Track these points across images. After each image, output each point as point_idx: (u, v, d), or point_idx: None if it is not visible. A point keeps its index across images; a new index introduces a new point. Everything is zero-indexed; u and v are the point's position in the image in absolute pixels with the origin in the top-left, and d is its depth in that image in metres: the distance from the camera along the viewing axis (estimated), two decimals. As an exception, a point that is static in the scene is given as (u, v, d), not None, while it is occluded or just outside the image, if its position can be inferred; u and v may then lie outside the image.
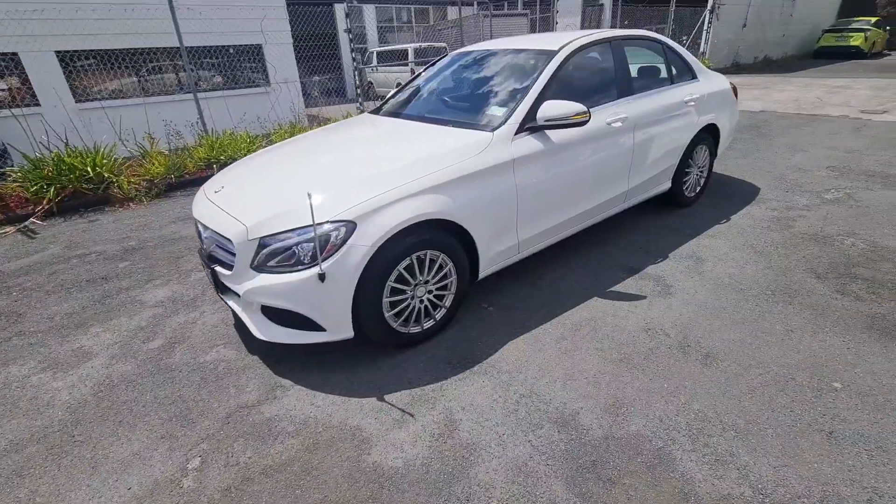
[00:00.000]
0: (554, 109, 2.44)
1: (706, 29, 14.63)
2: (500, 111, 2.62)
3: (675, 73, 3.57)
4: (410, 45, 13.74)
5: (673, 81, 3.52)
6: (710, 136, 3.85)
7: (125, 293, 3.12)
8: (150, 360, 2.41)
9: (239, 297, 2.13)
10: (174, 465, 1.77)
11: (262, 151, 3.07)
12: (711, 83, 3.81)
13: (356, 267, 1.97)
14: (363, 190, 2.07)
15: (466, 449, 1.77)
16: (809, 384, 1.97)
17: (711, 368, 2.10)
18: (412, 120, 2.98)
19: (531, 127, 2.52)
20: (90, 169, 4.94)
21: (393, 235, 2.04)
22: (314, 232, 1.86)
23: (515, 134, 2.49)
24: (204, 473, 1.73)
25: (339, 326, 2.07)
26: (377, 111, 3.44)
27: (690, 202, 3.99)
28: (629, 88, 3.13)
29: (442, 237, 2.24)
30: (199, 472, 1.74)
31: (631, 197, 3.30)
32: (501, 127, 2.47)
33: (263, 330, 2.14)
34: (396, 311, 2.23)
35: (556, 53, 2.79)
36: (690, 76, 3.66)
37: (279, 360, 2.35)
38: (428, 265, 2.25)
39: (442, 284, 2.37)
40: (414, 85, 3.55)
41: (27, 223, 4.55)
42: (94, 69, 7.13)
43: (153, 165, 5.44)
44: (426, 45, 13.42)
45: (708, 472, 1.61)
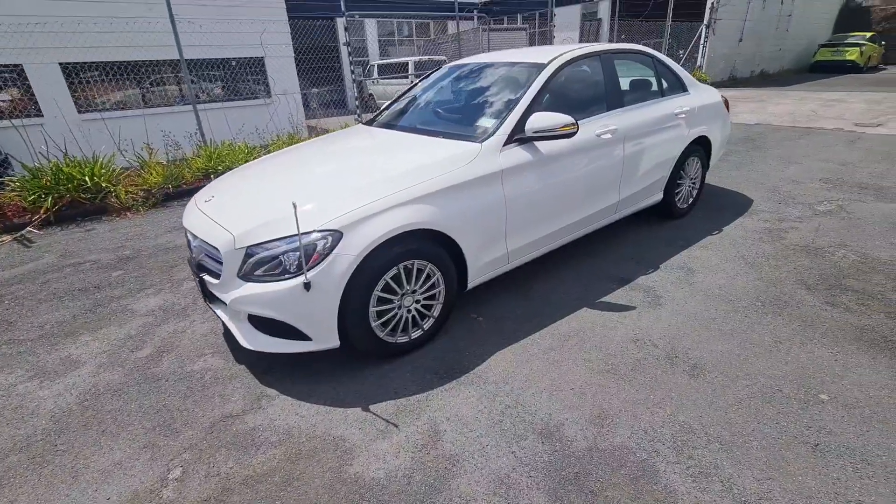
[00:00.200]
0: (542, 121, 2.47)
1: (703, 43, 14.83)
2: (489, 122, 2.65)
3: (665, 86, 3.61)
4: (411, 58, 13.93)
5: (663, 94, 3.56)
6: (701, 148, 3.88)
7: (117, 302, 3.13)
8: (137, 369, 2.40)
9: (226, 305, 2.13)
10: (155, 475, 1.76)
11: (254, 161, 3.10)
12: (702, 96, 3.85)
13: (342, 276, 1.98)
14: (350, 200, 2.08)
15: (449, 460, 1.76)
16: (796, 396, 1.96)
17: (698, 380, 2.09)
18: (404, 131, 3.01)
19: (520, 138, 2.55)
20: (88, 179, 4.98)
21: (379, 245, 2.05)
22: (299, 241, 1.87)
23: (504, 145, 2.51)
24: (184, 484, 1.72)
25: (324, 336, 2.07)
26: (371, 122, 3.48)
27: (683, 213, 4.01)
28: (619, 101, 3.16)
29: (429, 247, 2.25)
30: (179, 482, 1.73)
31: (622, 208, 3.32)
32: (490, 138, 2.50)
33: (250, 339, 2.14)
34: (383, 320, 2.23)
35: (545, 66, 2.83)
36: (681, 89, 3.70)
37: (266, 369, 2.34)
38: (415, 275, 2.25)
39: (430, 294, 2.37)
40: (408, 97, 3.59)
41: (24, 232, 4.58)
42: (96, 81, 7.24)
43: (151, 175, 5.48)
44: (426, 58, 13.60)
45: (691, 484, 1.60)
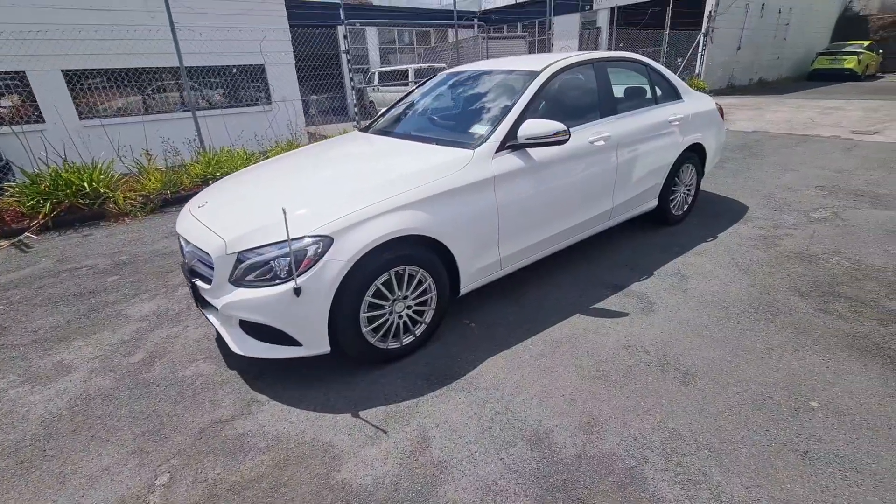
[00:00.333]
0: (534, 128, 2.48)
1: (701, 51, 14.92)
2: (482, 129, 2.67)
3: (659, 93, 3.63)
4: (411, 65, 14.06)
5: (657, 102, 3.58)
6: (696, 155, 3.90)
7: (111, 307, 3.13)
8: (128, 374, 2.40)
9: (218, 311, 2.14)
10: (142, 480, 1.76)
11: (249, 168, 3.12)
12: (696, 103, 3.87)
13: (332, 282, 1.98)
14: (341, 206, 2.09)
15: (437, 467, 1.75)
16: (787, 403, 1.95)
17: (689, 386, 2.08)
18: (399, 137, 3.03)
19: (512, 145, 2.56)
20: (86, 184, 5.01)
21: (370, 251, 2.06)
22: (289, 246, 1.88)
23: (497, 152, 2.52)
24: (171, 490, 1.71)
25: (315, 341, 2.07)
26: (367, 129, 3.50)
27: (678, 220, 4.01)
28: (612, 108, 3.18)
29: (421, 253, 2.26)
30: (166, 488, 1.72)
31: (616, 215, 3.33)
32: (483, 145, 2.51)
33: (241, 344, 2.14)
34: (374, 326, 2.23)
35: (538, 74, 2.85)
36: (675, 97, 3.72)
37: (258, 375, 2.34)
38: (406, 280, 2.26)
39: (422, 300, 2.37)
40: (404, 104, 3.62)
41: (22, 237, 4.60)
42: (98, 88, 7.31)
43: (150, 181, 5.51)
44: (426, 65, 13.73)
45: (679, 492, 1.59)
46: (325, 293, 1.98)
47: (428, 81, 3.74)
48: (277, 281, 1.99)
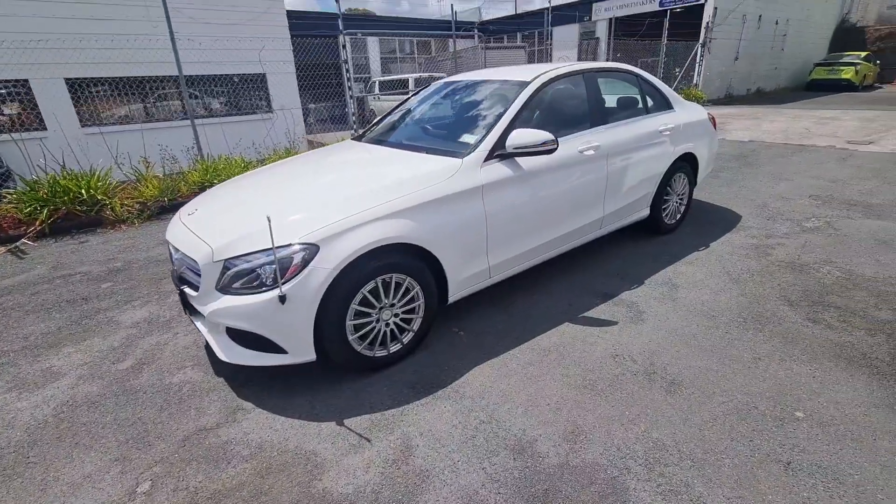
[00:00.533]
0: (522, 137, 2.51)
1: (699, 62, 15.04)
2: (471, 138, 2.69)
3: (650, 103, 3.66)
4: (411, 75, 14.20)
5: (648, 112, 3.61)
6: (688, 164, 3.92)
7: (103, 314, 3.14)
8: (116, 381, 2.41)
9: (205, 318, 2.14)
10: (123, 488, 1.75)
11: (240, 176, 3.14)
12: (688, 113, 3.90)
13: (317, 289, 1.99)
14: (328, 214, 2.11)
15: (419, 476, 1.74)
16: (772, 413, 1.94)
17: (675, 396, 2.08)
18: (390, 146, 3.05)
19: (501, 154, 2.58)
20: (84, 191, 5.05)
21: (356, 258, 2.07)
22: (274, 254, 1.90)
23: (485, 161, 2.54)
24: (152, 497, 1.70)
25: (300, 349, 2.08)
26: (360, 138, 3.53)
27: (671, 229, 4.02)
28: (602, 118, 3.21)
29: (408, 261, 2.27)
30: (147, 496, 1.72)
31: (607, 224, 3.34)
32: (471, 154, 2.53)
33: (227, 352, 2.14)
34: (361, 333, 2.23)
35: (528, 84, 2.88)
36: (666, 107, 3.75)
37: (244, 382, 2.34)
38: (394, 288, 2.26)
39: (409, 308, 2.38)
40: (397, 113, 3.65)
41: (18, 244, 4.62)
42: (100, 96, 7.39)
43: (147, 189, 5.54)
44: (426, 75, 13.85)
45: (661, 503, 1.58)
46: (310, 301, 1.99)
47: (421, 91, 3.78)
48: (263, 288, 2.00)
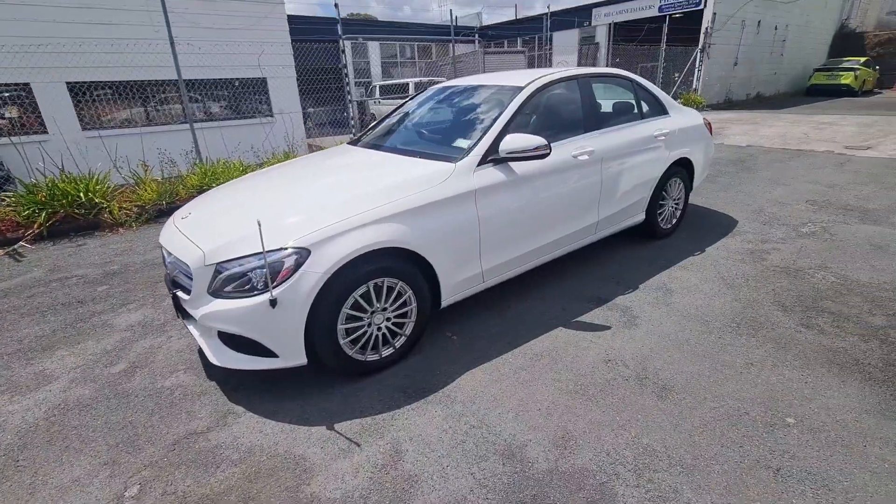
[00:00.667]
0: (515, 142, 2.52)
1: (698, 67, 15.09)
2: (465, 143, 2.70)
3: (645, 109, 3.67)
4: (411, 79, 14.27)
5: (643, 117, 3.62)
6: (683, 169, 3.92)
7: (98, 317, 3.15)
8: (108, 384, 2.41)
9: (197, 321, 2.15)
10: (112, 492, 1.75)
11: (235, 180, 3.16)
12: (683, 118, 3.91)
13: (308, 293, 2.00)
14: (320, 218, 2.11)
15: (407, 481, 1.74)
16: (762, 419, 1.94)
17: (666, 401, 2.07)
18: (385, 151, 3.06)
19: (494, 159, 2.59)
20: (82, 194, 5.06)
21: (348, 262, 2.07)
22: (264, 258, 1.90)
23: (478, 165, 2.55)
24: (140, 502, 1.70)
25: (291, 353, 2.08)
26: (356, 142, 3.54)
27: (667, 234, 4.02)
28: (597, 123, 3.22)
29: (401, 265, 2.27)
30: (135, 500, 1.71)
31: (602, 228, 3.34)
32: (464, 158, 2.54)
33: (218, 355, 2.15)
34: (353, 338, 2.23)
35: (521, 89, 2.90)
36: (661, 112, 3.76)
37: (236, 386, 2.34)
38: (385, 292, 2.27)
39: (402, 312, 2.38)
40: (392, 117, 3.67)
41: (16, 246, 4.63)
42: (102, 99, 7.44)
43: (145, 192, 5.56)
44: (426, 79, 13.93)
45: (649, 509, 1.57)
46: (300, 305, 1.99)
47: (417, 96, 3.79)
48: (255, 292, 2.00)
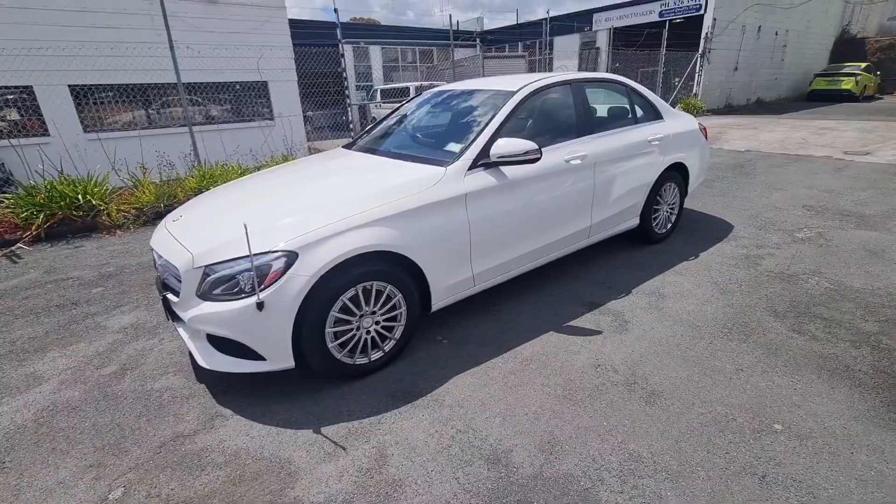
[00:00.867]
0: (506, 147, 2.52)
1: (698, 72, 15.11)
2: (456, 147, 2.71)
3: (640, 113, 3.68)
4: (412, 83, 14.33)
5: (637, 122, 3.62)
6: (678, 174, 3.92)
7: (91, 319, 3.15)
8: (98, 386, 2.41)
9: (185, 324, 2.15)
10: (96, 495, 1.75)
11: (228, 183, 3.17)
12: (678, 123, 3.91)
13: (296, 297, 2.00)
14: (309, 221, 2.12)
15: (391, 485, 1.73)
16: (750, 425, 1.93)
17: (654, 407, 2.07)
18: (378, 154, 3.07)
19: (485, 163, 2.59)
20: (81, 197, 5.09)
21: (336, 266, 2.07)
22: (251, 262, 1.91)
23: (469, 169, 2.55)
24: (123, 504, 1.70)
25: (278, 356, 2.08)
26: (350, 146, 3.56)
27: (661, 238, 4.02)
28: (590, 127, 3.22)
29: (390, 269, 2.27)
30: (119, 502, 1.71)
31: (595, 233, 3.34)
32: (455, 162, 2.55)
33: (207, 358, 2.15)
34: (341, 341, 2.23)
35: (514, 94, 2.90)
36: (655, 117, 3.76)
37: (226, 389, 2.34)
38: (375, 296, 2.27)
39: (391, 316, 2.38)
40: (388, 121, 3.68)
41: (14, 248, 4.66)
42: (104, 102, 7.49)
43: (144, 194, 5.59)
44: (427, 83, 13.98)
45: (632, 515, 1.57)
46: (288, 308, 2.00)
47: (412, 100, 3.81)
48: (242, 295, 2.01)
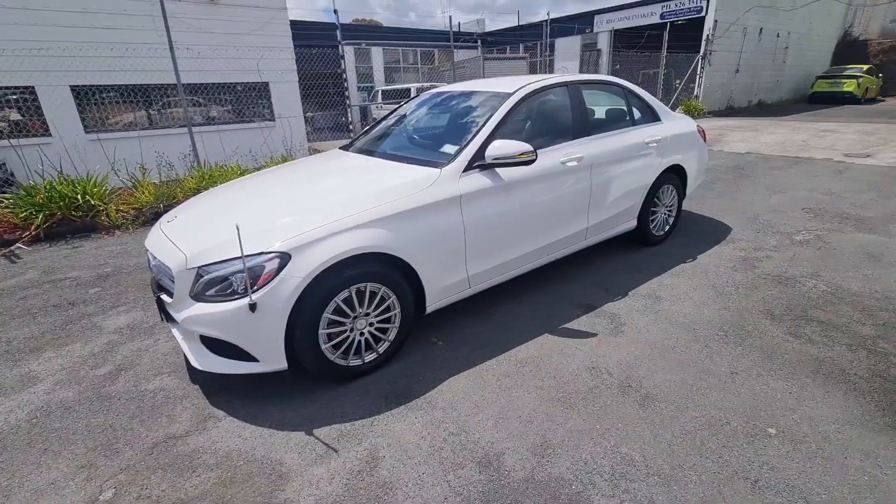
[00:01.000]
0: (501, 149, 2.52)
1: (699, 74, 15.09)
2: (451, 149, 2.70)
3: (637, 115, 3.67)
4: (413, 84, 14.36)
5: (634, 123, 3.62)
6: (676, 176, 3.91)
7: (87, 319, 3.16)
8: (92, 387, 2.41)
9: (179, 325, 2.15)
10: (86, 496, 1.75)
11: (224, 185, 3.17)
12: (676, 125, 3.90)
13: (288, 298, 2.00)
14: (303, 223, 2.12)
15: (382, 488, 1.73)
16: (744, 429, 1.92)
17: (648, 410, 2.06)
18: (374, 156, 3.07)
19: (480, 165, 2.59)
20: (80, 197, 5.10)
21: (329, 267, 2.07)
22: (242, 263, 1.91)
23: (464, 171, 2.55)
24: (113, 506, 1.70)
25: (271, 357, 2.08)
26: (347, 147, 3.56)
27: (659, 241, 4.01)
28: (586, 129, 3.21)
29: (384, 270, 2.27)
30: (109, 504, 1.71)
31: (592, 235, 3.33)
32: (450, 164, 2.54)
33: (200, 359, 2.15)
34: (334, 342, 2.23)
35: (510, 96, 2.90)
36: (653, 119, 3.76)
37: (220, 390, 2.34)
38: (368, 298, 2.26)
39: (385, 317, 2.37)
40: (385, 122, 3.68)
41: (13, 248, 4.67)
42: (105, 103, 7.52)
43: (143, 195, 5.60)
44: (428, 85, 14.00)
45: (623, 519, 1.56)
46: (280, 309, 2.00)
47: (410, 101, 3.81)
48: (235, 296, 2.01)
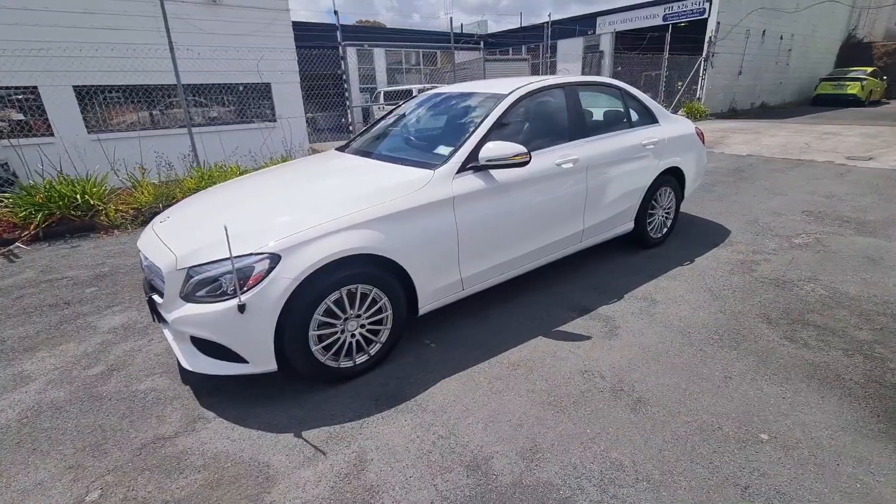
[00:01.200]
0: (495, 150, 2.51)
1: (702, 76, 15.05)
2: (445, 150, 2.69)
3: (634, 117, 3.66)
4: (415, 85, 14.38)
5: (632, 125, 3.60)
6: (674, 178, 3.89)
7: (82, 318, 3.16)
8: (84, 387, 2.41)
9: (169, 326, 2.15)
10: (72, 496, 1.74)
11: (217, 185, 3.17)
12: (673, 127, 3.88)
13: (278, 299, 1.99)
14: (294, 223, 2.11)
15: (369, 491, 1.72)
16: (735, 434, 1.90)
17: (639, 414, 2.04)
18: (370, 157, 3.06)
19: (474, 166, 2.58)
20: (79, 197, 5.12)
21: (319, 268, 2.06)
22: (231, 264, 1.90)
23: (458, 172, 2.54)
24: (99, 507, 1.69)
25: (261, 359, 2.07)
26: (343, 148, 3.55)
27: (657, 243, 3.98)
28: (582, 131, 3.20)
29: (375, 272, 2.26)
30: (95, 505, 1.70)
31: (588, 237, 3.31)
32: (443, 165, 2.54)
33: (190, 360, 2.14)
34: (325, 344, 2.22)
35: (505, 97, 2.89)
36: (650, 120, 3.74)
37: (210, 391, 2.33)
38: (360, 299, 2.25)
39: (377, 319, 2.36)
40: (382, 123, 3.68)
41: (12, 247, 4.68)
42: (108, 103, 7.55)
43: (142, 195, 5.61)
44: (429, 86, 14.01)
45: (610, 525, 1.54)
46: (270, 310, 1.99)
47: (407, 102, 3.81)
48: (225, 297, 2.00)
